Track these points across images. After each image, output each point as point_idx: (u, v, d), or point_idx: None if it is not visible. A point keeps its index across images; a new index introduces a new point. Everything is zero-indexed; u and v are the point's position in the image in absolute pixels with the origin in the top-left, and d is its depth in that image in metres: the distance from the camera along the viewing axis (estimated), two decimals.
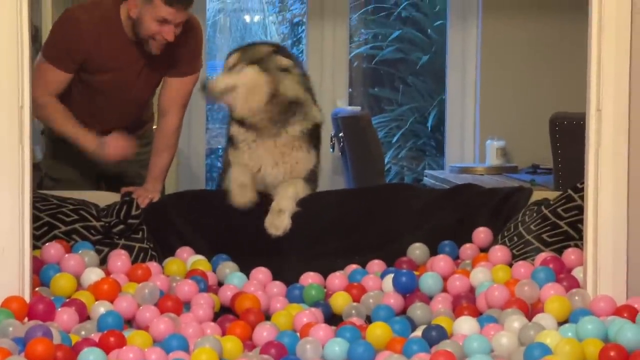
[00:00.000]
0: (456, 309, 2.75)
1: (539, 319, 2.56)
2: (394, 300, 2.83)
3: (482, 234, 3.18)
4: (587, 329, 2.44)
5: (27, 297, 2.62)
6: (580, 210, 2.88)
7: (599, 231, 2.68)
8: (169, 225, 3.27)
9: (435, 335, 2.48)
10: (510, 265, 2.96)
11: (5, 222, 2.61)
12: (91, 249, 3.04)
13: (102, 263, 3.02)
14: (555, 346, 2.36)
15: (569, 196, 3.06)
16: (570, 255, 2.92)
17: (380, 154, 5.26)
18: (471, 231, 3.19)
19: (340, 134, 5.30)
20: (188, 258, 3.13)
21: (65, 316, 2.59)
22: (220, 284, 3.05)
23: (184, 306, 2.78)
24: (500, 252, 3.03)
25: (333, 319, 2.81)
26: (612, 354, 2.31)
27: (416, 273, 2.97)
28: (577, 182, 3.02)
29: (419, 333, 2.54)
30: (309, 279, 3.04)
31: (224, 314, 2.81)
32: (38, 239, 3.01)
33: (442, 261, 3.02)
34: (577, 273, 2.82)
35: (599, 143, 2.67)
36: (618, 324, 2.43)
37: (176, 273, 3.01)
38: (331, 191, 3.65)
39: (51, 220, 3.10)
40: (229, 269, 3.09)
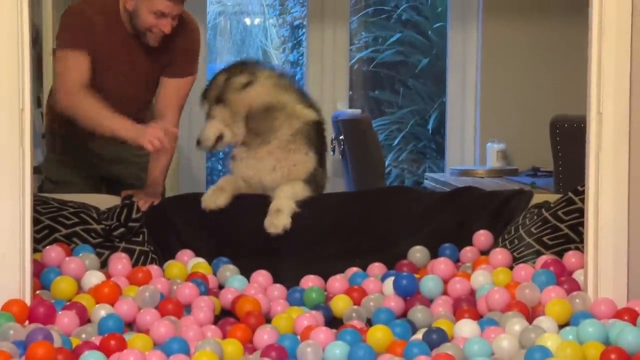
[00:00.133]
0: (457, 312, 2.75)
1: (540, 322, 2.56)
2: (394, 303, 2.83)
3: (482, 236, 3.18)
4: (587, 332, 2.44)
5: (27, 300, 2.62)
6: (581, 213, 2.88)
7: (599, 234, 2.67)
8: (169, 228, 3.27)
9: (435, 338, 2.48)
10: (511, 268, 2.96)
11: (5, 225, 2.61)
12: (92, 252, 3.04)
13: (103, 266, 3.02)
14: (556, 349, 2.36)
15: (569, 199, 3.06)
16: (571, 258, 2.92)
17: (381, 156, 5.26)
18: (472, 234, 3.19)
19: (341, 136, 5.31)
20: (189, 261, 3.13)
21: (66, 319, 2.59)
22: (220, 287, 3.05)
23: (184, 309, 2.78)
24: (500, 254, 3.03)
25: (334, 321, 2.81)
26: (613, 356, 2.31)
27: (417, 276, 2.97)
28: (578, 184, 3.02)
29: (419, 336, 2.54)
30: (310, 281, 3.04)
31: (224, 317, 2.81)
32: (39, 242, 3.01)
33: (443, 264, 3.02)
34: (578, 276, 2.82)
35: (599, 146, 2.67)
36: (619, 327, 2.43)
37: (177, 276, 3.01)
38: (332, 194, 3.64)
39: (52, 223, 3.10)
40: (229, 272, 3.09)
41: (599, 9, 2.65)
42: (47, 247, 2.99)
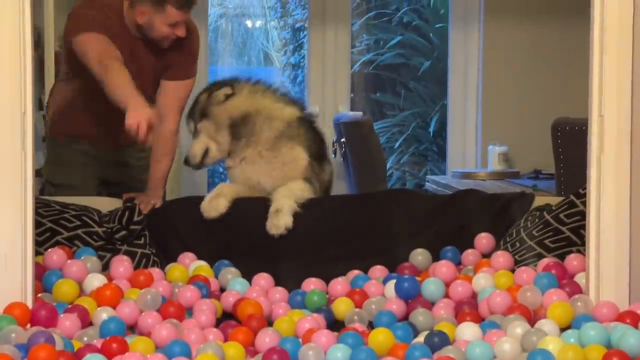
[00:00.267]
0: (458, 315, 2.74)
1: (542, 325, 2.55)
2: (396, 306, 2.83)
3: (484, 239, 3.18)
4: (589, 335, 2.43)
5: (29, 303, 2.62)
6: (583, 215, 2.87)
7: (601, 237, 2.67)
8: (171, 231, 3.27)
9: (437, 341, 2.48)
10: (513, 271, 2.96)
11: (7, 228, 2.61)
12: (93, 254, 3.04)
13: (105, 269, 3.02)
14: (557, 352, 2.36)
15: (571, 202, 3.06)
16: (572, 261, 2.92)
17: (382, 159, 5.26)
18: (473, 237, 3.19)
19: (342, 139, 5.30)
20: (190, 264, 3.13)
21: (68, 322, 2.59)
22: (222, 289, 3.05)
23: (186, 312, 2.78)
24: (502, 257, 3.03)
25: (335, 324, 2.81)
26: None
27: (418, 279, 2.97)
28: (580, 187, 3.02)
29: (421, 339, 2.54)
30: (311, 284, 3.04)
31: (226, 320, 2.81)
32: (40, 244, 3.01)
33: (445, 267, 3.02)
34: (580, 279, 2.82)
35: (601, 149, 2.66)
36: (621, 330, 2.42)
37: (178, 279, 3.01)
38: (333, 196, 3.64)
39: (53, 226, 3.10)
40: (231, 274, 3.09)
41: (601, 10, 2.65)
42: (49, 249, 3.00)
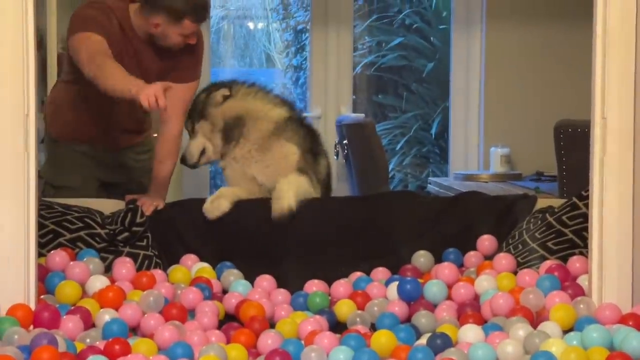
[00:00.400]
0: (461, 317, 2.74)
1: (544, 327, 2.55)
2: (398, 308, 2.83)
3: (486, 241, 3.18)
4: (592, 337, 2.43)
5: (32, 304, 2.62)
6: (585, 218, 2.87)
7: (604, 239, 2.67)
8: (173, 233, 3.27)
9: (440, 344, 2.48)
10: (515, 273, 2.96)
11: (10, 230, 2.61)
12: (96, 256, 3.04)
13: (107, 271, 3.02)
14: (560, 355, 2.36)
15: (573, 204, 3.06)
16: (575, 263, 2.92)
17: (384, 161, 5.26)
18: (476, 239, 3.19)
19: (345, 141, 5.30)
20: (192, 265, 3.13)
21: (71, 324, 2.59)
22: (224, 291, 3.05)
23: (188, 314, 2.78)
24: (505, 259, 3.03)
25: (337, 326, 2.81)
26: None
27: (421, 281, 2.97)
28: (582, 189, 3.02)
29: (423, 341, 2.54)
30: (314, 286, 3.04)
31: (228, 321, 2.81)
32: (43, 246, 3.02)
33: (447, 269, 3.02)
34: (582, 281, 2.82)
35: (604, 151, 2.66)
36: (623, 332, 2.42)
37: (181, 281, 3.01)
38: (335, 198, 3.65)
39: (56, 228, 3.10)
40: (233, 276, 3.09)
41: (603, 12, 2.65)
42: (52, 251, 3.00)
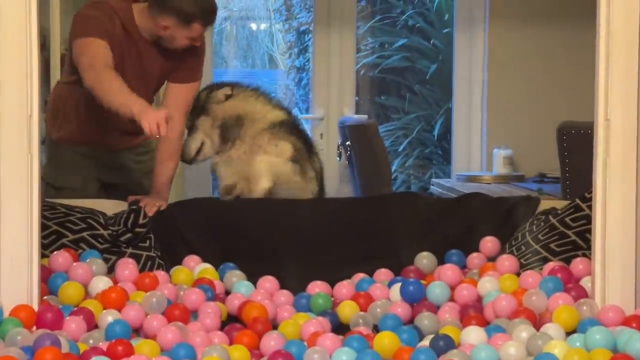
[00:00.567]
0: (464, 319, 2.74)
1: (547, 329, 2.55)
2: (401, 309, 2.82)
3: (489, 243, 3.18)
4: (595, 339, 2.43)
5: (35, 305, 2.63)
6: (589, 219, 2.87)
7: (607, 241, 2.67)
8: (176, 234, 3.27)
9: (442, 345, 2.48)
10: (518, 274, 2.95)
11: (13, 231, 2.61)
12: (99, 257, 3.04)
13: (110, 271, 3.02)
14: (563, 356, 2.36)
15: (576, 205, 3.06)
16: (578, 264, 2.91)
17: (387, 162, 5.26)
18: (478, 240, 3.19)
19: (347, 142, 5.30)
20: (195, 267, 3.13)
21: (73, 325, 2.59)
22: (227, 292, 3.05)
23: (191, 315, 2.78)
24: (507, 261, 3.03)
25: (340, 328, 2.81)
26: None
27: (423, 282, 2.97)
28: (585, 191, 3.02)
29: (426, 342, 2.54)
30: (316, 287, 3.04)
31: (231, 322, 2.81)
32: (46, 247, 3.01)
33: (450, 270, 3.02)
34: (585, 283, 2.82)
35: (607, 152, 2.66)
36: (627, 334, 2.42)
37: (183, 282, 3.01)
38: (338, 199, 3.66)
39: (59, 228, 3.10)
40: (236, 277, 3.09)
41: (607, 13, 2.64)
42: (55, 252, 3.00)
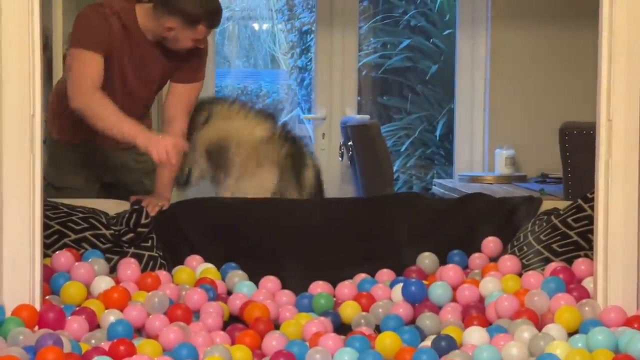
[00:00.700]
0: (465, 319, 2.74)
1: (549, 329, 2.55)
2: (403, 309, 2.82)
3: (491, 243, 3.18)
4: (597, 340, 2.43)
5: (37, 305, 2.63)
6: (591, 220, 2.87)
7: (609, 241, 2.67)
8: (178, 234, 3.27)
9: (444, 346, 2.48)
10: (520, 275, 2.95)
11: (16, 230, 2.61)
12: (101, 257, 3.04)
13: (112, 271, 3.02)
14: (565, 357, 2.36)
15: (579, 206, 3.06)
16: (580, 265, 2.91)
17: (389, 162, 5.26)
18: (480, 240, 3.19)
19: (349, 142, 5.30)
20: (197, 266, 3.14)
21: (76, 325, 2.59)
22: (229, 292, 3.06)
23: (193, 315, 2.78)
24: (509, 261, 3.03)
25: (342, 328, 2.81)
26: None
27: (425, 282, 2.97)
28: (587, 191, 3.02)
29: (428, 343, 2.54)
30: (318, 288, 3.04)
31: (233, 322, 2.81)
32: (48, 247, 3.02)
33: (452, 271, 3.02)
34: (587, 283, 2.82)
35: (609, 153, 2.66)
36: (629, 335, 2.42)
37: (185, 282, 3.02)
38: (340, 199, 3.67)
39: (61, 228, 3.10)
40: (238, 277, 3.09)
41: (609, 14, 2.64)
42: (57, 252, 3.00)
